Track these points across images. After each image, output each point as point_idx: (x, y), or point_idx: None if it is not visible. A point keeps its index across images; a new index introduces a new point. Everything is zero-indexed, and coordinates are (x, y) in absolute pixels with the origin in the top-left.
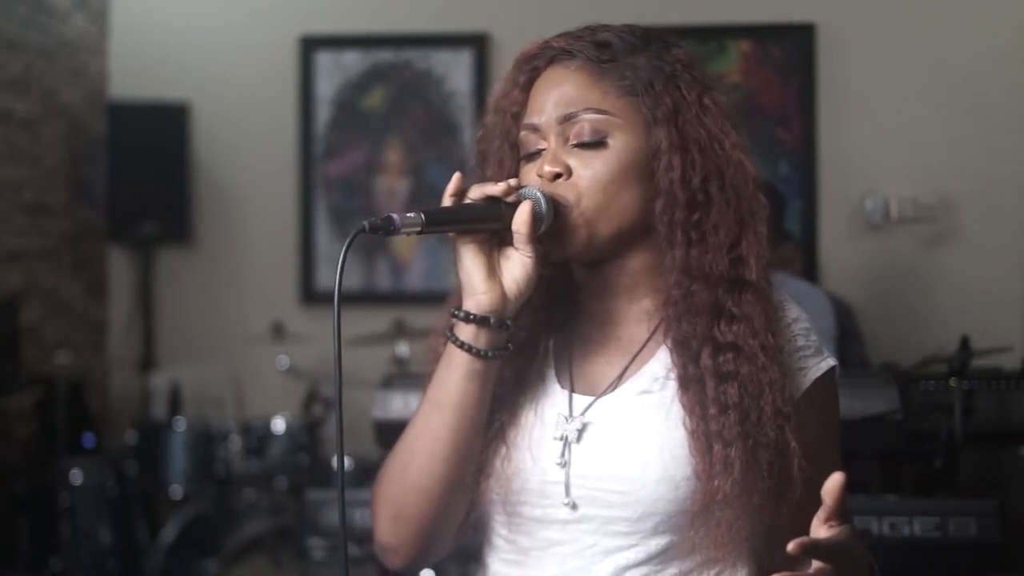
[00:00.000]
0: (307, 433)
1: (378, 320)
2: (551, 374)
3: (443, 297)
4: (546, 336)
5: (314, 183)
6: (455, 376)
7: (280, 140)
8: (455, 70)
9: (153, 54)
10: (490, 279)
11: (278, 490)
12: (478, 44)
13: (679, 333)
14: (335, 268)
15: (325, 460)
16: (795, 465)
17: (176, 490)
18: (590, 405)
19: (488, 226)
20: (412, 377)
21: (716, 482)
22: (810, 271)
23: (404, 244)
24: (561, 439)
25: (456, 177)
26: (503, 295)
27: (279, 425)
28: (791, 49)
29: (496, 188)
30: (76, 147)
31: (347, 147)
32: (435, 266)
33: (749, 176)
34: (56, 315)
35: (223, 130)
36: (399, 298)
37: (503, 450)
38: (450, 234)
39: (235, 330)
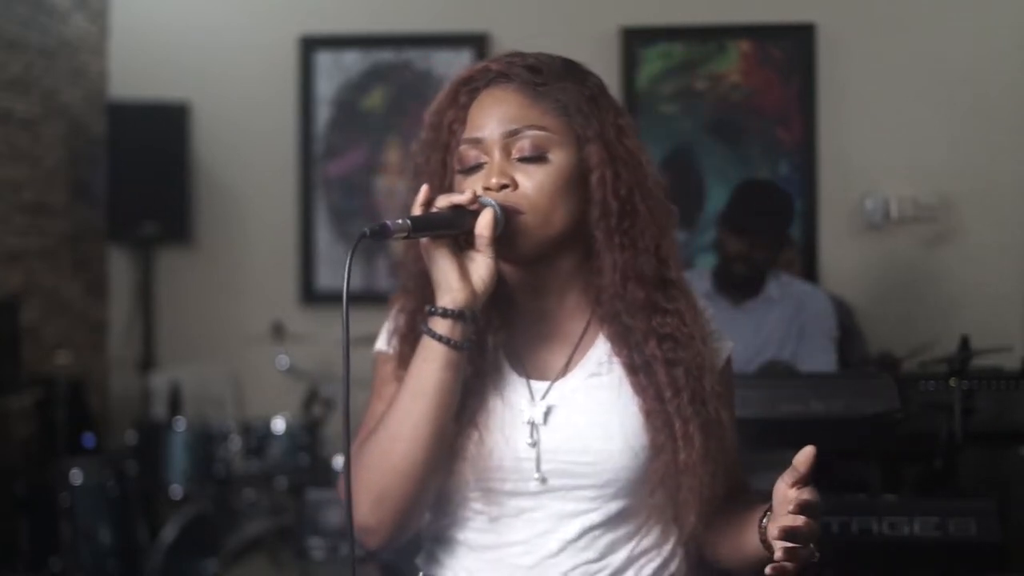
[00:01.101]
0: (307, 433)
1: (378, 320)
2: (505, 365)
3: None
4: (490, 332)
5: (314, 183)
6: (433, 367)
7: (280, 140)
8: (454, 70)
9: (153, 54)
10: (463, 278)
11: (278, 490)
12: (478, 44)
13: (620, 326)
14: (335, 268)
15: (325, 460)
16: (727, 437)
17: (176, 490)
18: (548, 390)
19: (457, 231)
20: None
21: (681, 456)
22: (810, 271)
23: (403, 246)
24: (529, 422)
25: (425, 188)
26: (473, 292)
27: (279, 425)
28: (791, 49)
29: (462, 197)
30: (76, 147)
31: (347, 147)
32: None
33: (662, 188)
34: (56, 315)
35: (223, 130)
36: None
37: (476, 434)
38: (422, 239)
39: (235, 330)
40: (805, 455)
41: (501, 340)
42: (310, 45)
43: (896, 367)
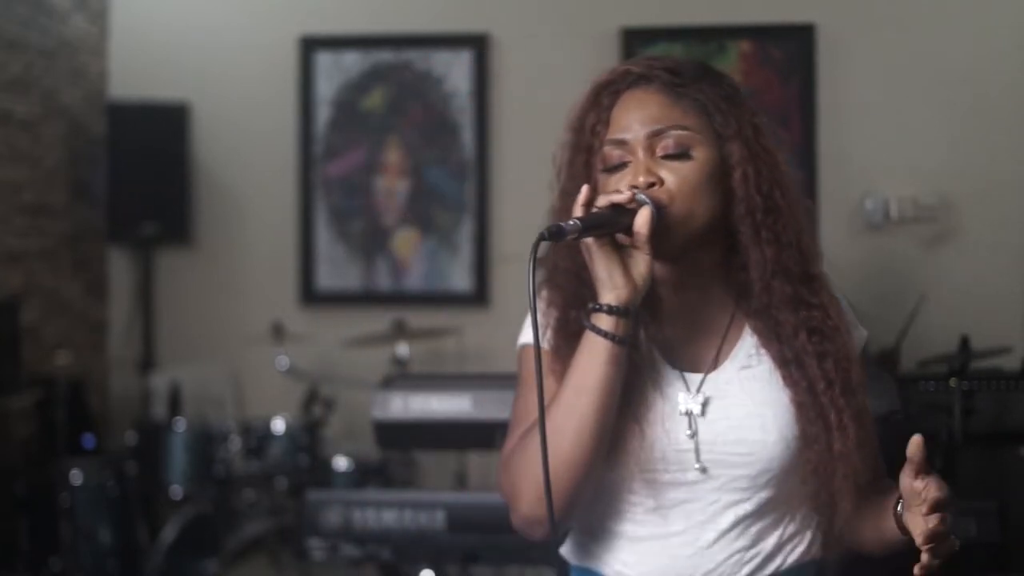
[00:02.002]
0: (307, 433)
1: (378, 321)
2: (658, 358)
3: (442, 299)
4: (642, 327)
5: (314, 183)
6: (597, 362)
7: (280, 140)
8: (455, 70)
9: (153, 54)
10: (626, 275)
11: (278, 490)
12: (478, 44)
13: (769, 321)
14: (334, 268)
15: (325, 460)
16: (872, 425)
17: (176, 490)
18: (703, 382)
19: (616, 229)
20: (412, 378)
21: (837, 445)
22: None
23: (404, 245)
24: (686, 414)
25: (586, 189)
26: (635, 288)
27: (279, 425)
28: (791, 49)
29: (621, 197)
30: (76, 147)
31: (347, 147)
32: (434, 267)
33: (798, 185)
34: (56, 315)
35: (223, 130)
36: (399, 299)
37: (636, 428)
38: (586, 239)
39: (235, 330)
40: (915, 444)
41: (652, 334)
42: (310, 45)
43: (895, 365)
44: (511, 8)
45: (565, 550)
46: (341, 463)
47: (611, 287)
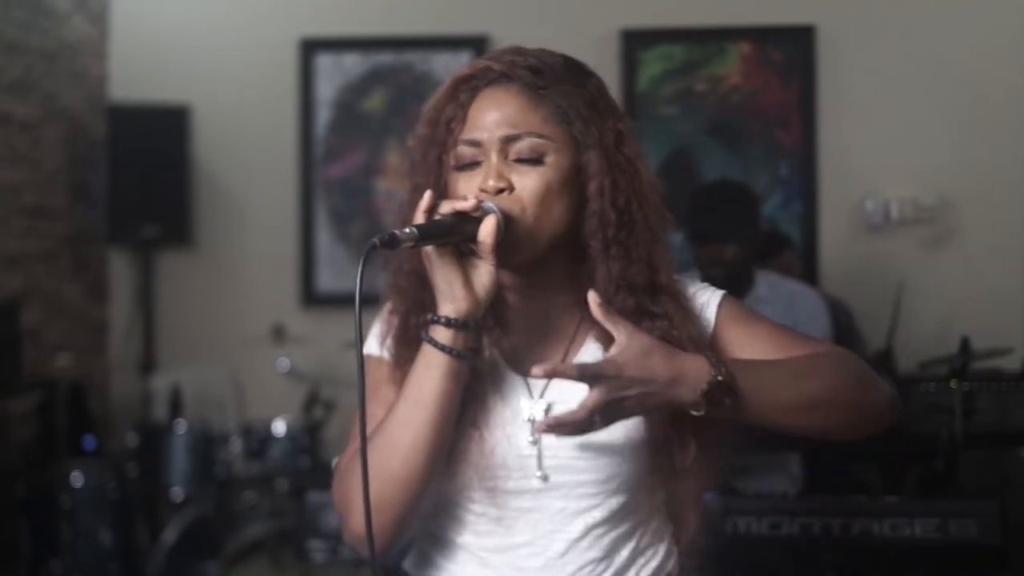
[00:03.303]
0: (308, 435)
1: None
2: (501, 363)
3: None
4: (486, 332)
5: (314, 185)
6: (435, 375)
7: (280, 142)
8: (455, 72)
9: (153, 56)
10: (466, 286)
11: (279, 492)
12: (478, 46)
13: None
14: (335, 270)
15: (326, 462)
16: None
17: (177, 492)
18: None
19: (460, 238)
20: None
21: (679, 459)
22: (810, 273)
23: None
24: (530, 420)
25: (428, 195)
26: (476, 300)
27: (280, 427)
28: (791, 51)
29: (465, 204)
30: (76, 150)
31: (347, 149)
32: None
33: (658, 193)
34: (57, 317)
35: (223, 132)
36: None
37: (476, 434)
38: (425, 247)
39: (235, 332)
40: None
41: (496, 339)
42: (310, 47)
43: (892, 363)
44: (511, 10)
45: (408, 563)
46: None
47: (450, 299)
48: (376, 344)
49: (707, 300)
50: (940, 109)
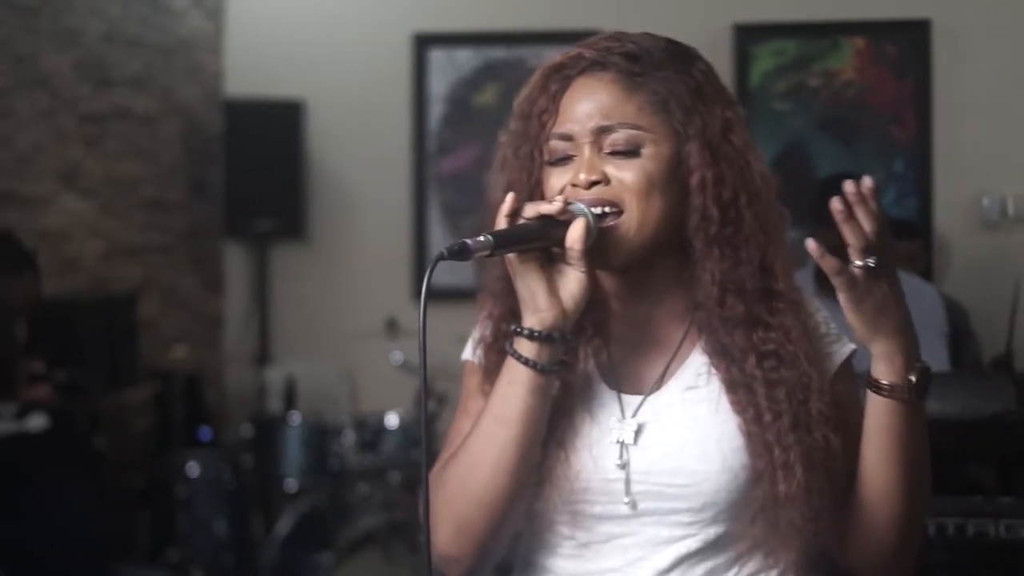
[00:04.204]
0: (421, 428)
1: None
2: (596, 377)
3: None
4: (582, 342)
5: (427, 180)
6: (519, 391)
7: (394, 137)
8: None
9: (269, 52)
10: (551, 296)
11: (391, 485)
12: None
13: (717, 341)
14: (449, 265)
15: (438, 455)
16: (839, 465)
17: (291, 483)
18: (640, 405)
19: (544, 244)
20: None
21: (780, 486)
22: (925, 270)
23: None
24: (618, 442)
25: (510, 197)
26: (563, 311)
27: (392, 420)
28: (906, 45)
29: (551, 207)
30: (193, 144)
31: (460, 144)
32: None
33: (772, 187)
34: (173, 310)
35: (337, 127)
36: None
37: (562, 455)
38: (508, 255)
39: (349, 325)
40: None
41: (595, 350)
42: (423, 42)
43: (1012, 365)
44: (622, 4)
45: None
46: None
47: (533, 310)
48: (471, 350)
49: (837, 344)
50: None
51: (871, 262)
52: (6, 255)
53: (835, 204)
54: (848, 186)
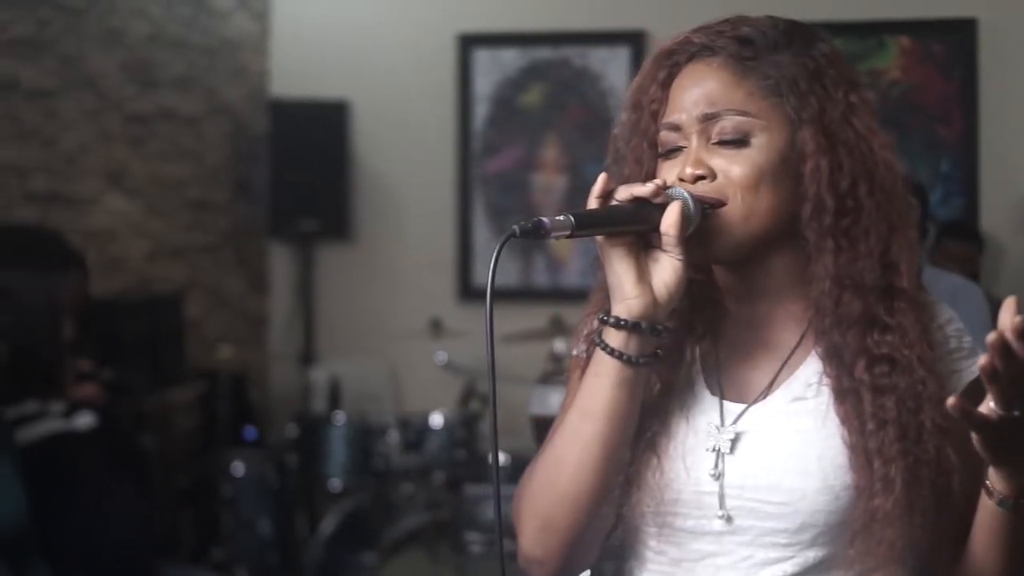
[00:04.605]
0: (464, 428)
1: (535, 317)
2: (700, 380)
3: None
4: (691, 341)
5: (472, 180)
6: (604, 384)
7: (438, 137)
8: (612, 67)
9: (313, 53)
10: (640, 283)
11: (436, 484)
12: (635, 41)
13: (830, 343)
14: (492, 266)
15: (482, 455)
16: (955, 481)
17: (335, 483)
18: (742, 413)
19: (636, 228)
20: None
21: (876, 501)
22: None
23: (561, 242)
24: (714, 451)
25: (602, 178)
26: (654, 300)
27: (437, 420)
28: (952, 44)
29: (644, 189)
30: (238, 144)
31: (505, 144)
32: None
33: (898, 177)
34: (218, 310)
35: (382, 127)
36: (556, 295)
37: (654, 460)
38: (597, 237)
39: (393, 325)
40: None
41: (705, 350)
42: (468, 43)
43: None
44: (668, 4)
45: None
46: (499, 458)
47: (620, 297)
48: (576, 344)
49: (968, 360)
50: None
51: (1017, 412)
52: (53, 255)
53: (984, 362)
54: (1005, 320)
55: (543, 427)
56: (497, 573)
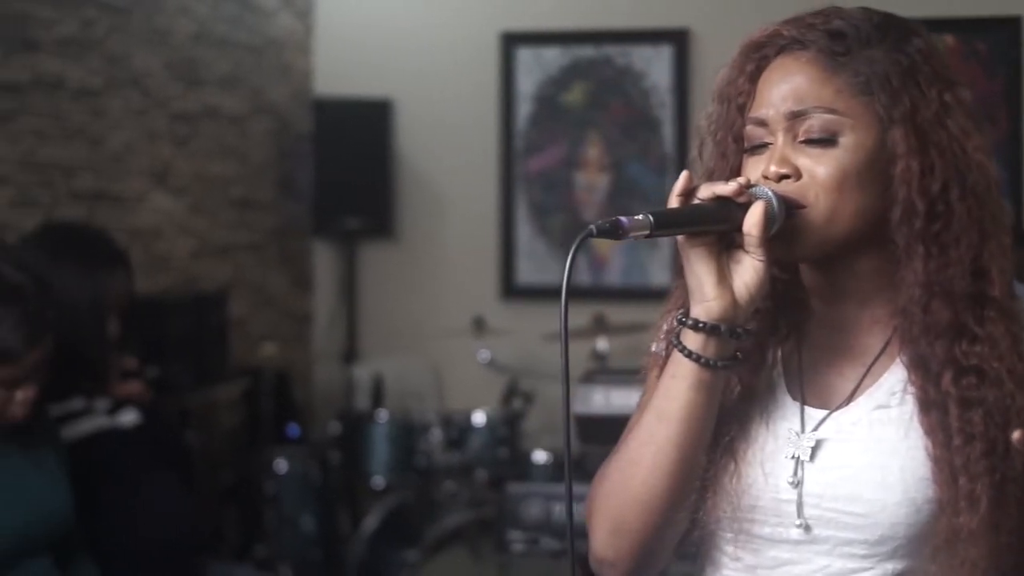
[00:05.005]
0: (507, 426)
1: (578, 316)
2: (781, 385)
3: (642, 293)
4: (774, 342)
5: (515, 178)
6: (681, 386)
7: (481, 135)
8: (655, 66)
9: (357, 51)
10: (720, 284)
11: (478, 482)
12: (678, 40)
13: (916, 352)
14: (535, 263)
15: (525, 453)
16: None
17: (378, 481)
18: (823, 420)
19: (718, 228)
20: (612, 372)
21: (961, 518)
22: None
23: (604, 241)
24: (793, 458)
25: (684, 176)
26: (734, 301)
27: (479, 418)
28: (997, 43)
29: (727, 188)
30: (283, 143)
31: (547, 142)
32: (634, 262)
33: (992, 181)
34: (263, 308)
35: (425, 126)
36: (599, 294)
37: (732, 465)
38: (677, 236)
39: (436, 323)
40: None
41: (787, 352)
42: (511, 41)
43: None
44: (712, 3)
45: None
46: (541, 456)
47: (700, 298)
48: (655, 342)
49: None
50: None
51: None
52: (99, 253)
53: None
54: None
55: (587, 425)
56: (539, 571)
